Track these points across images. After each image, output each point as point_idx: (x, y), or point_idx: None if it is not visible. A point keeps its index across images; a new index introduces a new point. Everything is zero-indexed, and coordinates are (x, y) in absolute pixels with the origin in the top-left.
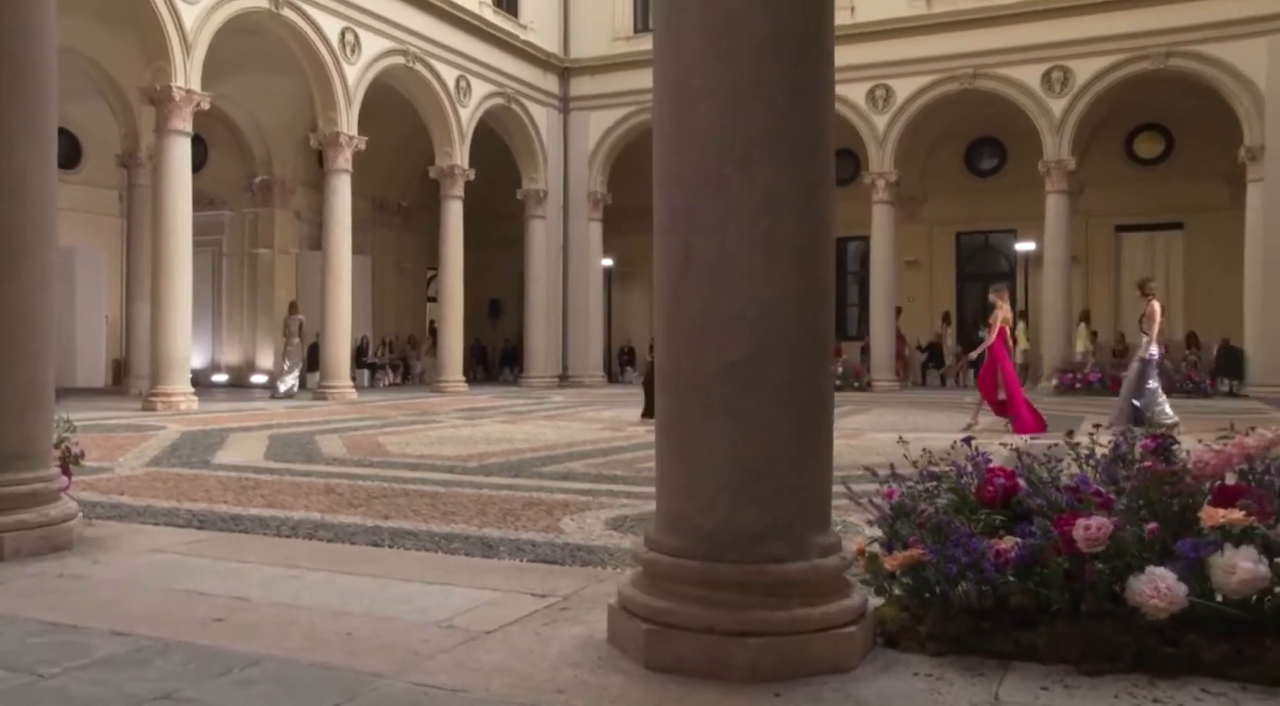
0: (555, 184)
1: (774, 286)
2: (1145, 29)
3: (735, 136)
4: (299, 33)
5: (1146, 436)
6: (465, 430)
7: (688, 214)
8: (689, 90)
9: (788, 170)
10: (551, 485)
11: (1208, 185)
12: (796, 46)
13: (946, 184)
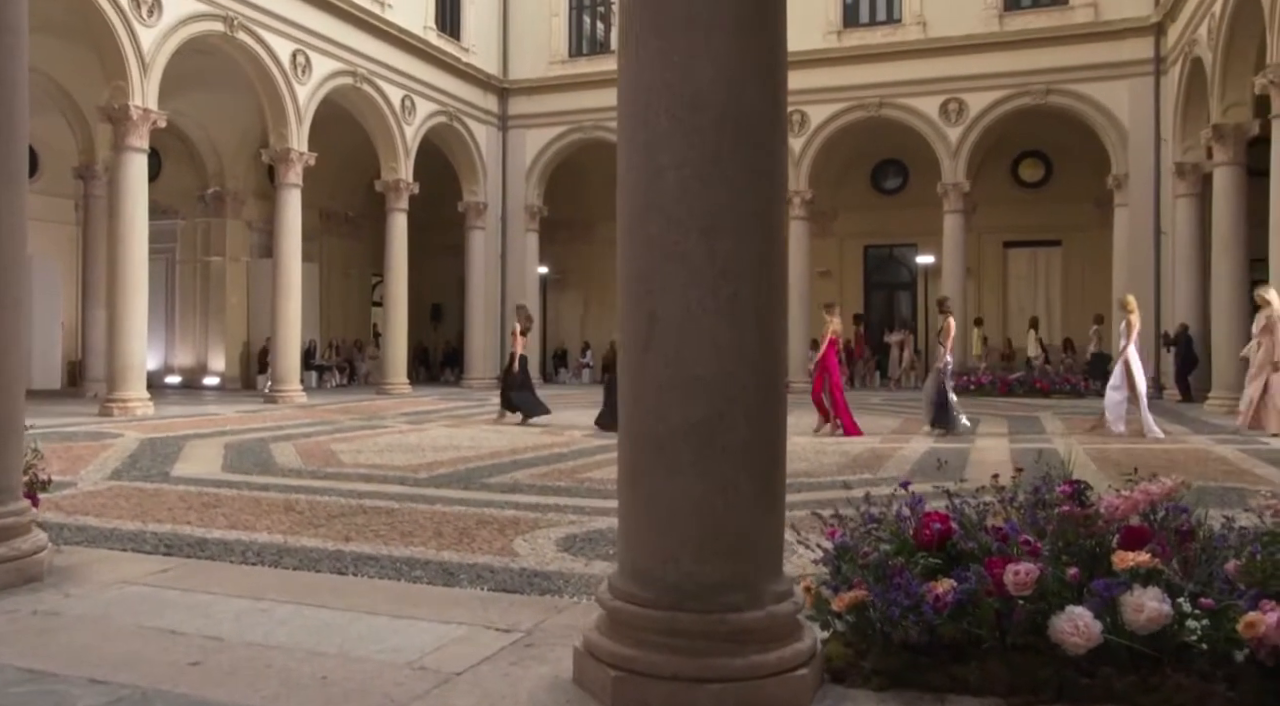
0: (494, 197)
1: (735, 352)
2: (1028, 68)
3: (700, 209)
4: (252, 54)
5: (1064, 483)
6: (412, 436)
7: (653, 280)
8: (655, 165)
9: (748, 241)
10: (500, 499)
11: (1081, 207)
12: (757, 126)
13: (855, 201)
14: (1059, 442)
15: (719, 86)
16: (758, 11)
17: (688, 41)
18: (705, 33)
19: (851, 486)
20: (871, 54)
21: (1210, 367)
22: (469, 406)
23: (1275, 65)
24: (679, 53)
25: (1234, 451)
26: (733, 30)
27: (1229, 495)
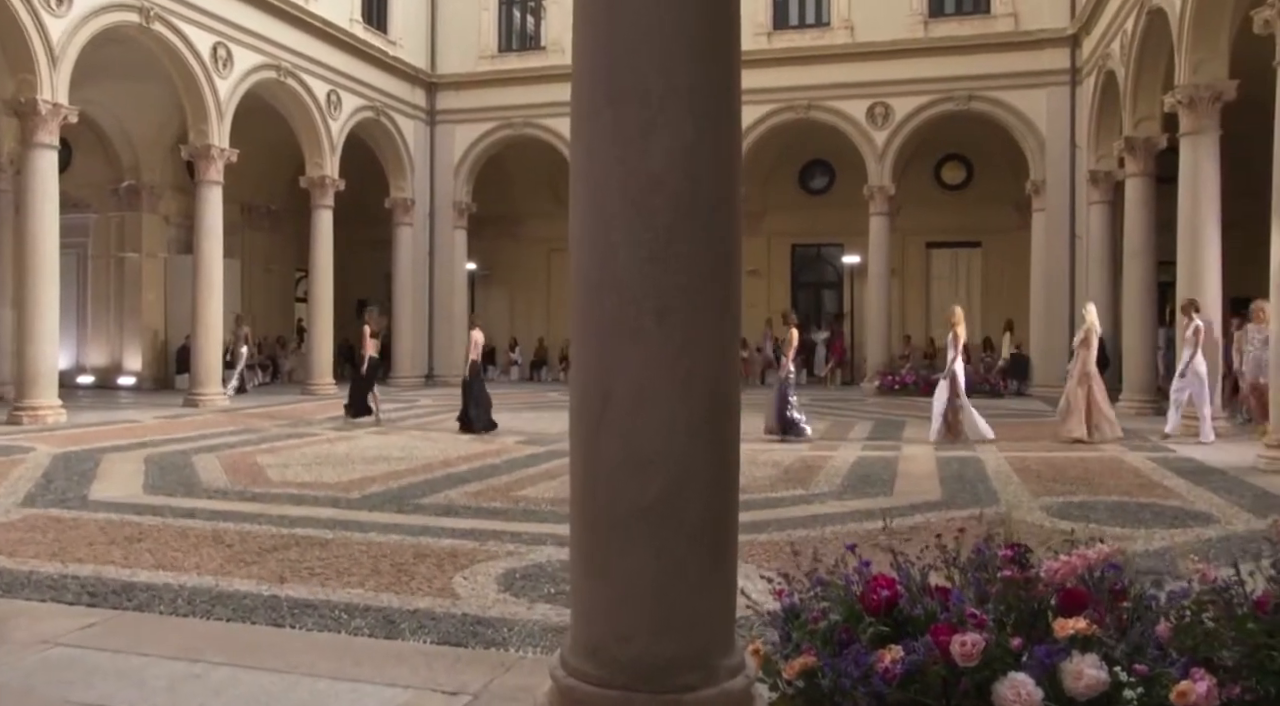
0: (422, 193)
1: (690, 431)
2: (952, 74)
3: (655, 289)
4: (170, 47)
5: (1006, 546)
6: (341, 445)
7: (608, 359)
8: (609, 242)
9: (704, 320)
10: (436, 525)
11: (1001, 210)
12: (714, 203)
13: (783, 200)
14: (982, 451)
15: (674, 163)
16: (714, 83)
17: (643, 115)
18: (660, 106)
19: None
20: (801, 56)
21: (1121, 369)
22: (397, 408)
23: (1184, 86)
24: (633, 127)
25: (1144, 460)
26: (688, 103)
27: (1143, 513)
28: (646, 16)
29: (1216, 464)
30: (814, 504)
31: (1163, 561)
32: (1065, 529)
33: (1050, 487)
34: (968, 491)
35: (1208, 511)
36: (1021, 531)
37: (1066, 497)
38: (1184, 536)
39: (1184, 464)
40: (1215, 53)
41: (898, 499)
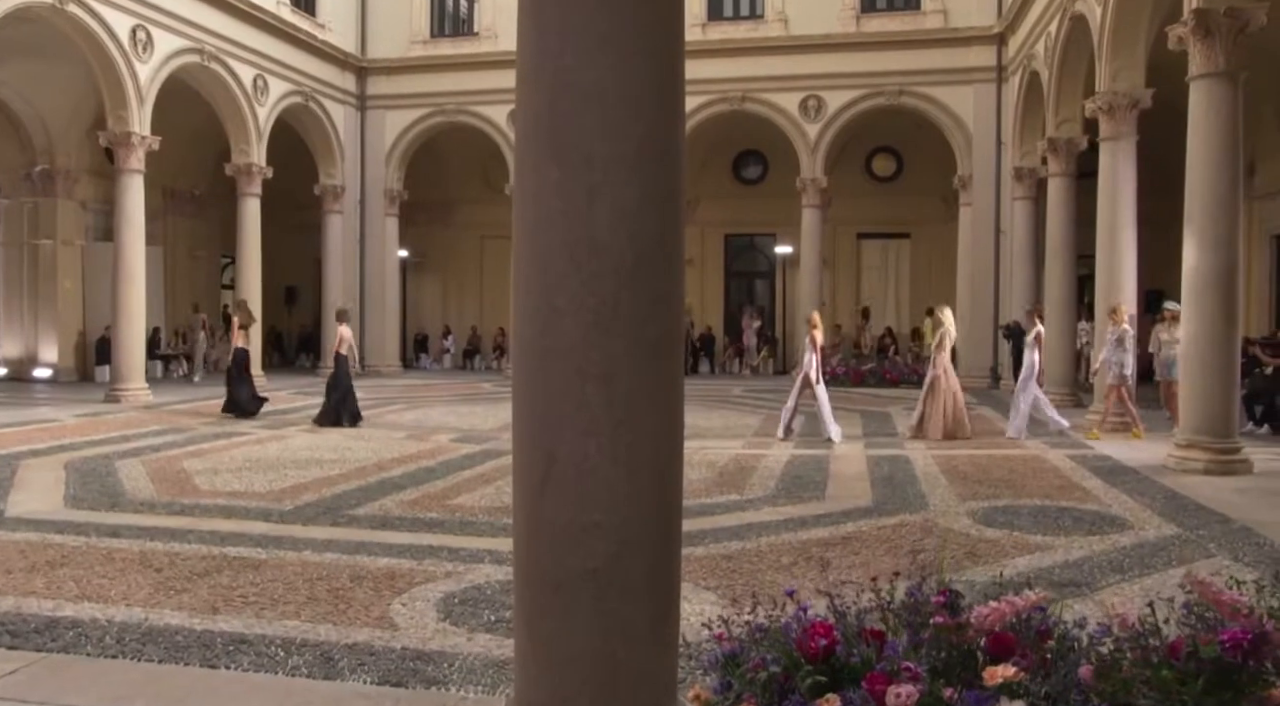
0: (352, 180)
1: (633, 496)
2: (883, 69)
3: (599, 356)
4: (85, 29)
5: (938, 593)
6: (272, 446)
7: (551, 424)
8: (553, 309)
9: (648, 389)
10: (372, 541)
11: (930, 202)
12: (658, 270)
13: (717, 190)
14: (910, 449)
15: (619, 228)
16: (659, 146)
17: (587, 179)
18: (604, 170)
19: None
20: (735, 48)
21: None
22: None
23: (1104, 93)
24: (577, 191)
25: (1065, 459)
26: (633, 165)
27: (1063, 518)
28: (592, 81)
29: (1131, 463)
30: (749, 511)
31: (1081, 572)
32: (992, 537)
33: (976, 490)
34: (898, 495)
35: (1122, 516)
36: (950, 540)
37: (991, 501)
38: (1101, 544)
39: (1100, 463)
40: (1133, 62)
41: (830, 504)
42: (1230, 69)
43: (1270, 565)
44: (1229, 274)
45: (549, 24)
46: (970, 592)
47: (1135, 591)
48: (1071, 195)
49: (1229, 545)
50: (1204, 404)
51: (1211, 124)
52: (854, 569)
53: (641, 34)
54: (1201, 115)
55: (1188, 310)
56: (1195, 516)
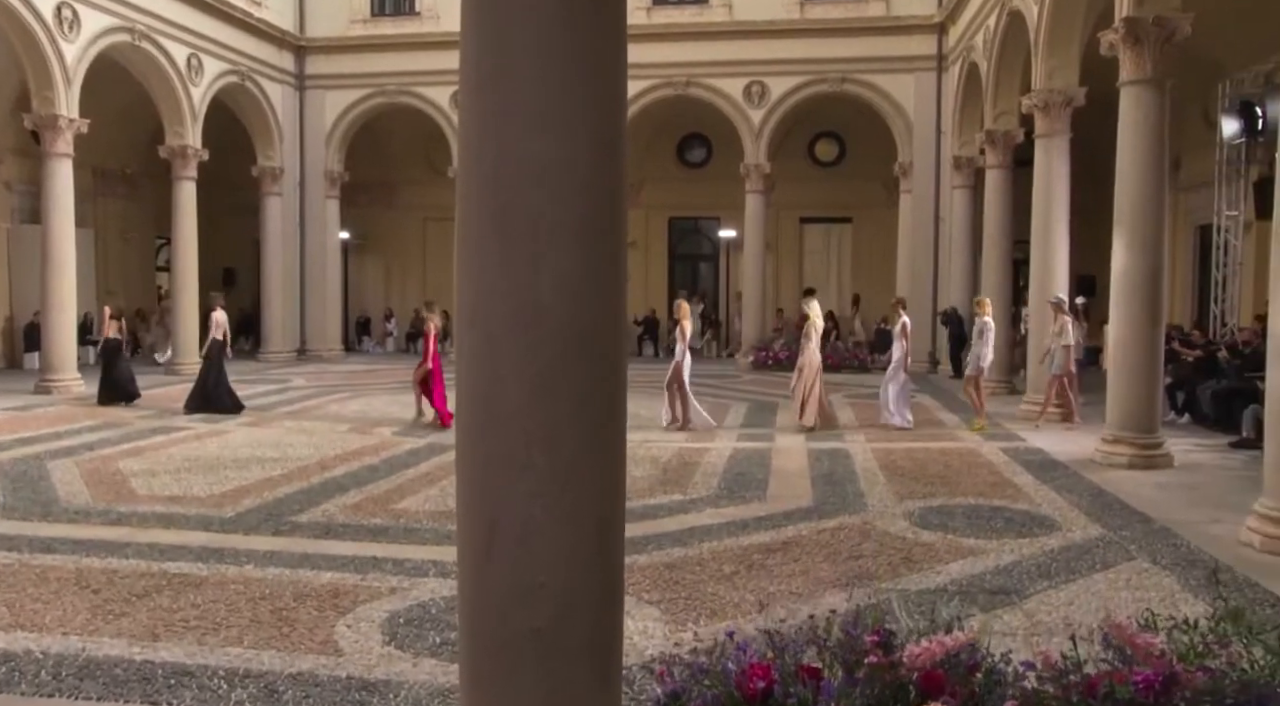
0: (292, 161)
1: (577, 557)
2: (826, 56)
3: (543, 420)
4: (6, 6)
5: (873, 631)
6: (211, 443)
7: (494, 490)
8: (496, 375)
9: (591, 450)
10: (316, 552)
11: (871, 186)
12: (599, 334)
13: (661, 173)
14: (851, 441)
15: (562, 293)
16: (603, 212)
17: (531, 247)
18: (549, 238)
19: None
20: (679, 33)
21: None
22: (269, 391)
23: (1039, 91)
24: (521, 258)
25: (999, 453)
26: (577, 232)
27: (995, 519)
28: (535, 154)
29: (1061, 456)
30: (691, 512)
31: (1011, 578)
32: (927, 541)
33: (913, 489)
34: (837, 494)
35: (1051, 516)
36: (887, 545)
37: (927, 500)
38: (1030, 548)
39: (1032, 457)
40: (1068, 61)
41: (771, 504)
42: (1158, 76)
43: (1185, 568)
44: (1154, 276)
45: (489, 100)
46: (905, 602)
47: (1061, 599)
48: (1008, 187)
49: (1149, 547)
50: (1129, 400)
51: (1139, 131)
52: (794, 578)
53: (583, 110)
54: (1130, 122)
55: (1115, 310)
56: (1119, 515)
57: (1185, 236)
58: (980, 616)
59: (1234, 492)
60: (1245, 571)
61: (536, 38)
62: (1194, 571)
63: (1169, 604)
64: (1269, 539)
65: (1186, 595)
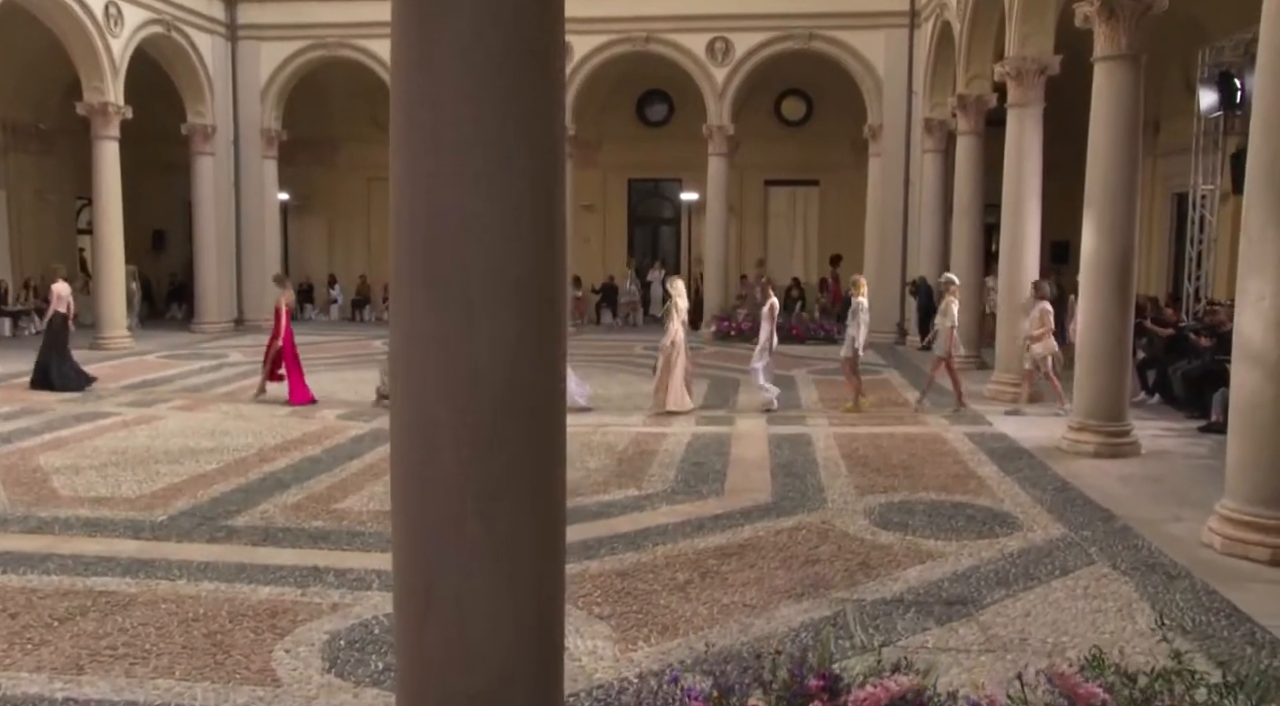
0: (224, 118)
1: (515, 624)
2: (793, 11)
3: (478, 489)
4: None
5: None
6: (141, 431)
7: (429, 555)
8: (430, 440)
9: (527, 517)
10: (253, 563)
11: (839, 147)
12: (535, 399)
13: (620, 132)
14: (814, 425)
15: (497, 358)
16: (540, 275)
17: (466, 313)
18: (484, 303)
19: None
20: None
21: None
22: (204, 368)
23: (1013, 58)
24: (456, 324)
25: (964, 439)
26: (513, 296)
27: (956, 517)
28: (468, 215)
29: (1027, 444)
30: (646, 510)
31: (969, 586)
32: (886, 543)
33: (875, 481)
34: (797, 488)
35: (1013, 514)
36: (844, 548)
37: (889, 496)
38: (990, 551)
39: (998, 444)
40: (1042, 27)
41: (729, 499)
42: (1133, 52)
43: (1144, 572)
44: (1125, 258)
45: (421, 161)
46: (860, 614)
47: (1017, 610)
48: (980, 154)
49: (1109, 549)
50: (1096, 386)
51: (1113, 107)
52: (748, 587)
53: (517, 163)
54: (1104, 99)
55: (1084, 292)
56: (1081, 512)
57: (1162, 204)
58: (935, 630)
59: (1199, 484)
60: (1204, 576)
61: (467, 89)
62: (1153, 577)
63: (1125, 614)
64: (1229, 541)
65: (1143, 604)
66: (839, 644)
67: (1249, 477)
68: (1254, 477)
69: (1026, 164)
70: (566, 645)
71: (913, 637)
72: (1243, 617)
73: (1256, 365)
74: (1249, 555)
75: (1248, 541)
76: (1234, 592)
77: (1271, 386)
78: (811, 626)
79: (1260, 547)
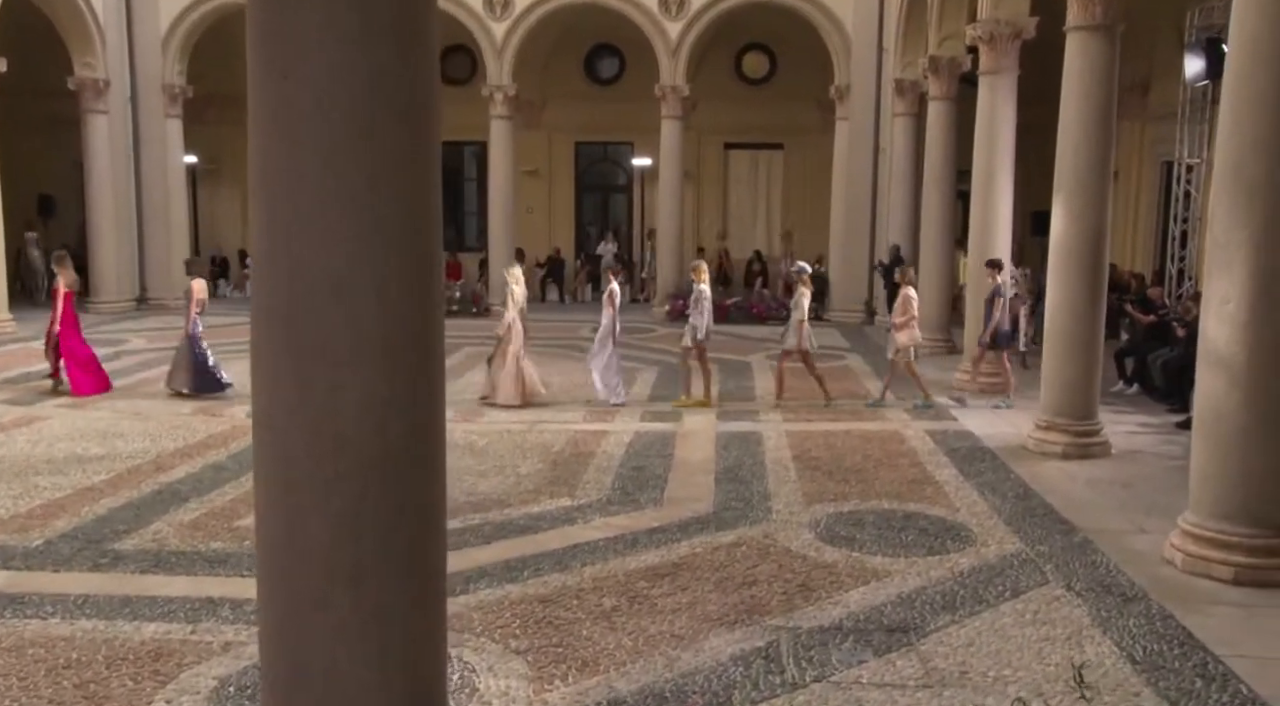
0: (119, 72)
1: (385, 695)
2: None
3: (347, 558)
4: None
5: None
6: (20, 436)
7: (296, 632)
8: (296, 508)
9: (398, 587)
10: (139, 594)
11: (804, 108)
12: (406, 463)
13: (566, 90)
14: (766, 421)
15: (365, 421)
16: (410, 335)
17: (329, 373)
18: (349, 362)
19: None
20: None
21: None
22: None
23: (985, 20)
24: (319, 384)
25: (924, 437)
26: (382, 367)
27: (908, 530)
28: (331, 271)
29: (992, 442)
30: (578, 523)
31: (913, 611)
32: (830, 561)
33: (825, 487)
34: (741, 496)
35: (968, 525)
36: (785, 567)
37: (838, 505)
38: (939, 569)
39: (959, 443)
40: None
41: (668, 510)
42: (1108, 22)
43: (1099, 594)
44: (1095, 245)
45: (280, 213)
46: (795, 645)
47: (961, 639)
48: (952, 121)
49: (1065, 567)
50: (1065, 381)
51: (1086, 83)
52: (679, 614)
53: (387, 217)
54: (1075, 74)
55: (1053, 279)
56: (1041, 524)
57: (1151, 172)
58: (872, 662)
59: (1169, 490)
60: (1161, 598)
61: (332, 136)
62: (1108, 599)
63: (1074, 643)
64: (1191, 558)
65: (1094, 631)
66: (768, 680)
67: (1211, 490)
68: (1216, 490)
69: (999, 136)
70: (478, 685)
71: (848, 672)
72: (1197, 646)
73: (1222, 371)
74: (1211, 573)
75: (1210, 559)
76: (1191, 617)
77: (1236, 393)
78: (742, 658)
79: (1223, 566)
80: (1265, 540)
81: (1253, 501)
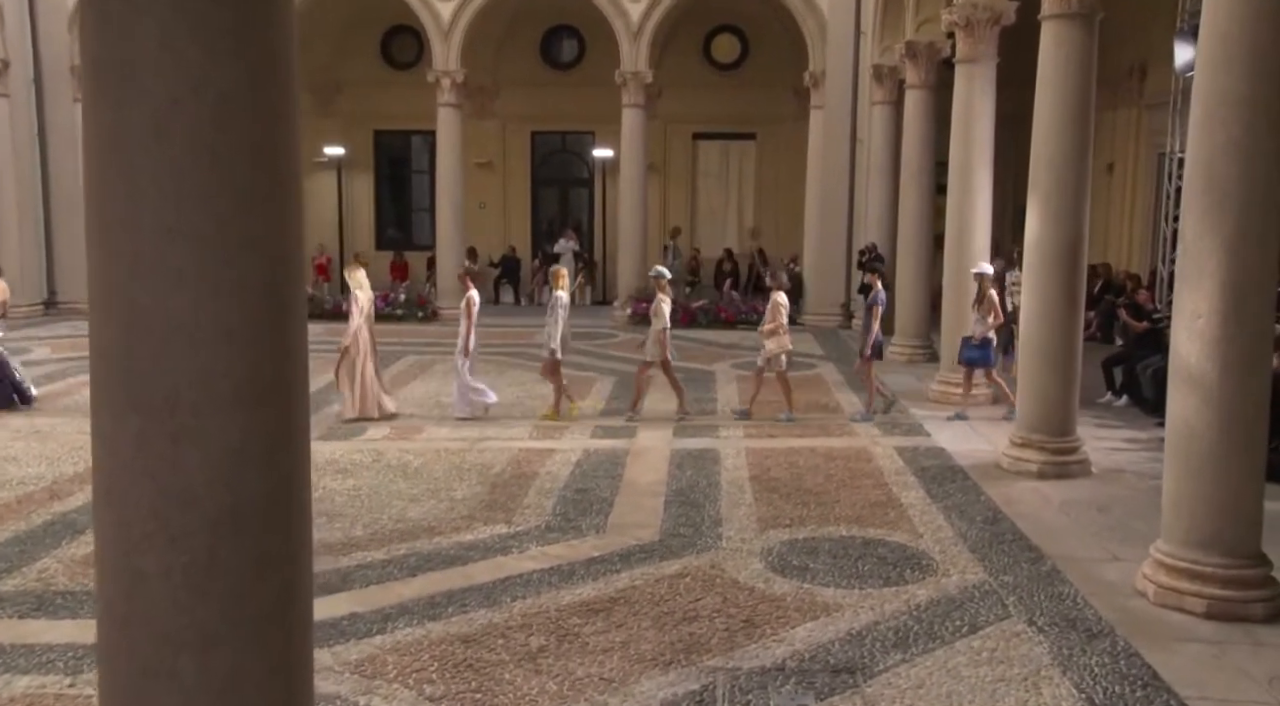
0: (20, 51)
1: None
2: None
3: (193, 621)
4: None
5: None
6: None
7: (138, 702)
8: (136, 570)
9: (254, 653)
10: (16, 642)
11: (779, 96)
12: (263, 524)
13: (521, 76)
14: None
15: (215, 476)
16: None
17: (172, 424)
18: (194, 413)
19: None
20: None
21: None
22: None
23: (962, 4)
24: (162, 437)
25: (893, 456)
26: (233, 406)
27: (865, 559)
28: (173, 315)
29: (964, 460)
30: (512, 553)
31: (862, 649)
32: (778, 594)
33: (781, 511)
34: (691, 521)
35: (930, 553)
36: (730, 601)
37: (793, 531)
38: (894, 602)
39: (930, 461)
40: None
41: (610, 537)
42: (1085, 10)
43: (1062, 629)
44: (1073, 249)
45: (118, 252)
46: (731, 688)
47: (910, 680)
48: (931, 110)
49: (1029, 599)
50: (1041, 396)
51: (1061, 77)
52: (610, 654)
53: (238, 257)
54: (1051, 67)
55: (1028, 287)
56: (1008, 552)
57: (1147, 162)
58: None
59: (1148, 514)
60: (1128, 634)
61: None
62: (1071, 635)
63: (1030, 684)
64: (1163, 589)
65: (1054, 671)
66: None
67: (1184, 516)
68: (1189, 517)
69: (976, 128)
70: None
71: None
72: (1161, 687)
73: (1194, 389)
74: (1183, 606)
75: (1182, 591)
76: (1157, 654)
77: (1209, 412)
78: (674, 704)
79: (1195, 598)
80: (1239, 571)
81: (1227, 529)
